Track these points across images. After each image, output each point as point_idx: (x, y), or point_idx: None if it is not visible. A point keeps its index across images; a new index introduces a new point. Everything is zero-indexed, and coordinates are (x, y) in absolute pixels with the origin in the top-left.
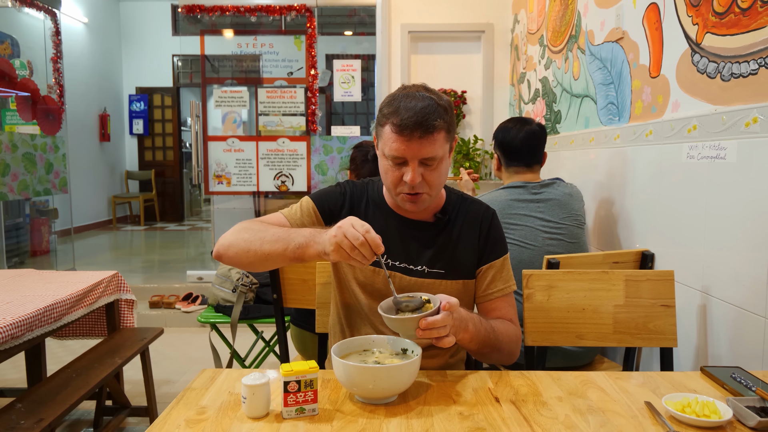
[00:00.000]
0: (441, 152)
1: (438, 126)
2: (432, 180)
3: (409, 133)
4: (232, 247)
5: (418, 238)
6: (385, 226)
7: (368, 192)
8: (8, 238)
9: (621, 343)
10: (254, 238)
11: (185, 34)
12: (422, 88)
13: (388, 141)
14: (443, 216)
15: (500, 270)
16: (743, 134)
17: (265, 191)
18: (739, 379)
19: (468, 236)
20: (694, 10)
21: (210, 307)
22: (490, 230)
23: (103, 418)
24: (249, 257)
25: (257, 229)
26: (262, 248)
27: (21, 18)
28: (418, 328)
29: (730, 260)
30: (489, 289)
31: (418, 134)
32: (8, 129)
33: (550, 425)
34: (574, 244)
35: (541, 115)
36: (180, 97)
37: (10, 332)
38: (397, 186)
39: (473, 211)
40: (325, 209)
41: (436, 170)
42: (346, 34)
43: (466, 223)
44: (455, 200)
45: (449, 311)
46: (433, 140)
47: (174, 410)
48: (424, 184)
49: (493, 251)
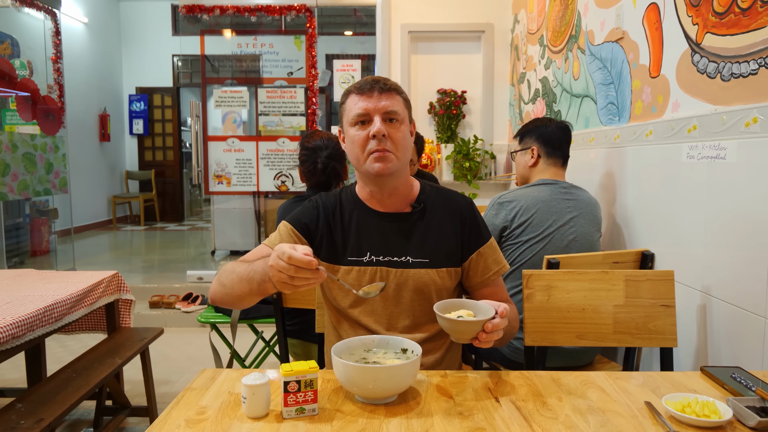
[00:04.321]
0: (401, 112)
1: (394, 88)
2: (396, 138)
3: (368, 90)
4: (218, 294)
5: (397, 229)
6: (364, 223)
7: (341, 197)
8: (8, 238)
9: (621, 343)
10: (228, 283)
11: (185, 34)
12: None
13: (351, 106)
14: (418, 205)
15: (491, 254)
16: (743, 134)
17: (265, 191)
18: (739, 379)
19: (448, 226)
20: (694, 10)
21: (210, 307)
22: (472, 219)
23: (103, 418)
24: (231, 300)
25: (230, 272)
26: (234, 291)
27: (21, 18)
28: (481, 331)
29: (730, 260)
30: (486, 273)
31: (377, 91)
32: (8, 129)
33: (550, 425)
34: (593, 248)
35: (541, 115)
36: (180, 97)
37: (11, 332)
38: (365, 147)
39: (451, 200)
40: (301, 225)
41: (399, 130)
42: (346, 34)
43: (445, 213)
44: (429, 191)
45: (506, 317)
46: (391, 96)
47: (174, 410)
48: (388, 140)
49: (479, 239)
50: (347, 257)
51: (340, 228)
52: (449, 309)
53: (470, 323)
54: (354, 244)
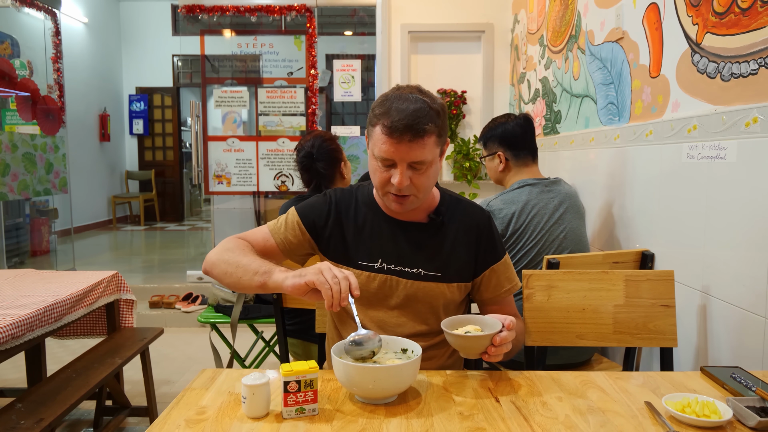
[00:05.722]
0: (430, 156)
1: (428, 130)
2: (420, 183)
3: (398, 135)
4: (215, 267)
5: (412, 239)
6: (378, 228)
7: (357, 196)
8: (8, 238)
9: (621, 343)
10: (231, 266)
11: (185, 34)
12: (416, 90)
13: (377, 142)
14: (437, 217)
15: (504, 271)
16: (743, 134)
17: (265, 191)
18: (739, 379)
19: (464, 239)
20: (694, 10)
21: (210, 307)
22: (489, 234)
23: (103, 418)
24: (226, 282)
25: (234, 256)
26: (234, 277)
27: (21, 18)
28: (490, 345)
29: (730, 260)
30: (497, 290)
31: (407, 137)
32: (8, 129)
33: (550, 425)
34: (582, 242)
35: (541, 115)
36: (180, 97)
37: (11, 332)
38: (384, 186)
39: (470, 213)
40: (309, 222)
41: (425, 174)
42: (346, 34)
43: (462, 226)
44: (449, 201)
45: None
46: (422, 144)
47: (174, 410)
48: (411, 186)
49: (494, 255)
50: (358, 260)
51: (353, 228)
52: (456, 325)
53: (479, 338)
54: (366, 248)
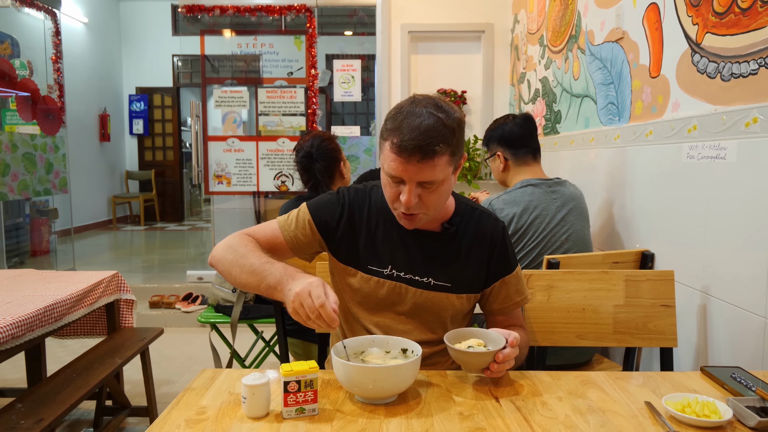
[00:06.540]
0: (441, 176)
1: (439, 152)
2: (429, 202)
3: (407, 155)
4: (221, 263)
5: (424, 248)
6: (390, 234)
7: (371, 198)
8: (8, 238)
9: (621, 343)
10: (236, 264)
11: (185, 34)
12: (432, 104)
13: (387, 158)
14: (451, 227)
15: (515, 283)
16: (743, 134)
17: (265, 191)
18: (739, 379)
19: (477, 250)
20: (694, 10)
21: (210, 307)
22: (502, 246)
23: (103, 418)
24: (231, 279)
25: (242, 253)
26: (240, 276)
27: (21, 18)
28: (492, 362)
29: (730, 260)
30: (506, 302)
31: (417, 158)
32: (8, 129)
33: (550, 425)
34: (586, 244)
35: (541, 115)
36: (180, 97)
37: (11, 332)
38: (393, 202)
39: (484, 224)
40: (321, 221)
41: (435, 192)
42: (346, 34)
43: (476, 236)
44: (464, 210)
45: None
46: (432, 165)
47: (174, 410)
48: (420, 204)
49: (506, 266)
50: (368, 265)
51: (366, 232)
52: (459, 338)
53: (481, 354)
54: (377, 253)
